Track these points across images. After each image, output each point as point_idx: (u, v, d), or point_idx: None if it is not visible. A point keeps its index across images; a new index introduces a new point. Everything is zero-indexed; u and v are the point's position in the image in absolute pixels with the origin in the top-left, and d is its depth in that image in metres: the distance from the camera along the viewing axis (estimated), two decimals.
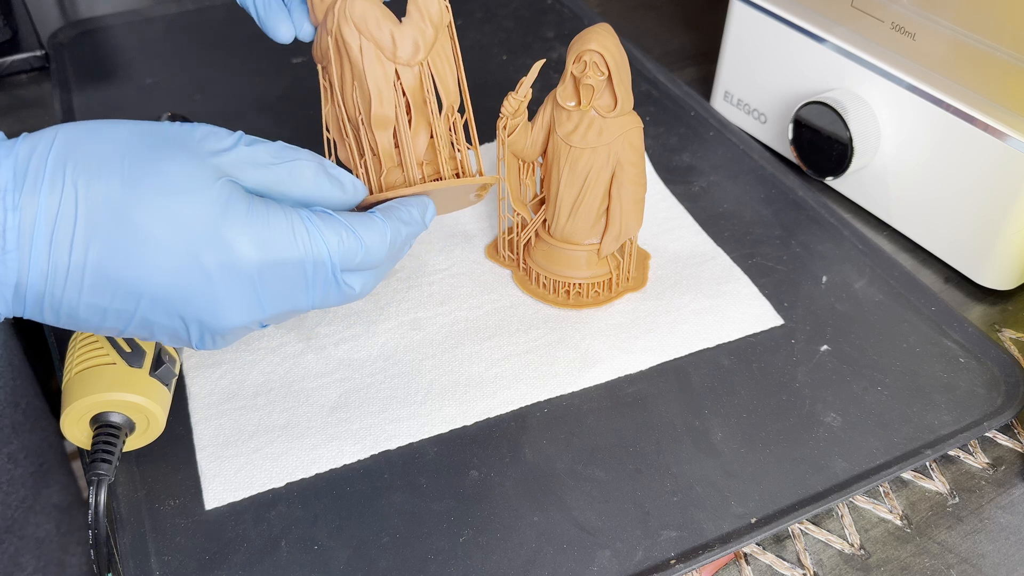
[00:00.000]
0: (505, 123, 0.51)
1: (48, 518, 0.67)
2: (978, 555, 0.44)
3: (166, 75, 0.75)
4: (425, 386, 0.50)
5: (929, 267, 0.60)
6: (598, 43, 0.47)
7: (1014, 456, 0.48)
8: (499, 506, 0.45)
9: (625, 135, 0.50)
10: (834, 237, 0.60)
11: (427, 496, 0.45)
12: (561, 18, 0.83)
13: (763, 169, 0.65)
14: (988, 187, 0.54)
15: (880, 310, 0.55)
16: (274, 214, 0.37)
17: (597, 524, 0.44)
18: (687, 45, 0.83)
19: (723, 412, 0.49)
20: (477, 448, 0.47)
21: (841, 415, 0.49)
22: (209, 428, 0.48)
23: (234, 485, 0.45)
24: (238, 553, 0.43)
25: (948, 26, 0.54)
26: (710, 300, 0.55)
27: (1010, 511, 0.46)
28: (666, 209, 0.62)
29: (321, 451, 0.47)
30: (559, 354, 0.52)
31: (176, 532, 0.43)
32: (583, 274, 0.54)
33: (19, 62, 0.77)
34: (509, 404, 0.49)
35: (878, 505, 0.46)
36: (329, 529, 0.44)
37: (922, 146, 0.57)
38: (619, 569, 0.42)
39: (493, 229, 0.60)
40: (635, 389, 0.50)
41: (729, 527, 0.44)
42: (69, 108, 0.71)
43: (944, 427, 0.48)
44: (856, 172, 0.61)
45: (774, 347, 0.53)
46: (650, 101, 0.72)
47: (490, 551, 0.43)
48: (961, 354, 0.52)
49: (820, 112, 0.60)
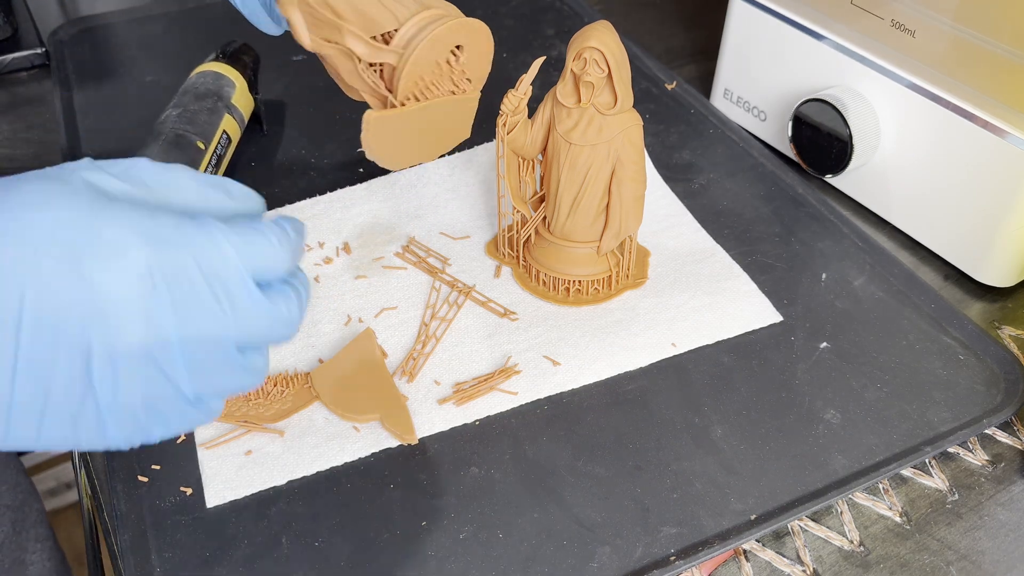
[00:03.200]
0: (505, 120, 0.51)
1: (3, 520, 0.67)
2: (977, 552, 0.44)
3: (166, 73, 0.75)
4: (426, 384, 0.50)
5: (929, 264, 0.60)
6: (598, 40, 0.47)
7: (1013, 453, 0.48)
8: (499, 503, 0.45)
9: (625, 132, 0.50)
10: (834, 234, 0.60)
11: (428, 493, 0.45)
12: (561, 16, 0.83)
13: (763, 166, 0.65)
14: (988, 184, 0.54)
15: (880, 307, 0.55)
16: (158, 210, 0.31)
17: (597, 520, 0.44)
18: (687, 42, 0.83)
19: (723, 409, 0.49)
20: (477, 445, 0.47)
21: (840, 412, 0.49)
22: (210, 426, 0.48)
23: (235, 483, 0.45)
24: (239, 550, 0.43)
25: (948, 23, 0.55)
26: (710, 297, 0.55)
27: (1009, 508, 0.46)
28: (666, 206, 0.62)
29: (322, 449, 0.47)
30: (559, 351, 0.52)
31: (177, 529, 0.43)
32: (583, 271, 0.54)
33: (19, 60, 0.77)
34: (509, 401, 0.49)
35: (878, 502, 0.46)
36: (330, 525, 0.44)
37: (922, 143, 0.57)
38: (619, 565, 0.42)
39: (493, 226, 0.60)
40: (635, 386, 0.50)
41: (729, 524, 0.44)
42: (69, 106, 0.71)
43: (943, 424, 0.48)
44: (856, 169, 0.61)
45: (774, 344, 0.53)
46: (650, 98, 0.72)
47: (490, 547, 0.43)
48: (961, 351, 0.52)
49: (820, 109, 0.60)
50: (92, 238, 0.29)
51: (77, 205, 0.30)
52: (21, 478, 0.71)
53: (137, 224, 0.30)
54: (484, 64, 0.56)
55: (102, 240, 0.29)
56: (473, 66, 0.55)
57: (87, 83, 0.74)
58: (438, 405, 0.49)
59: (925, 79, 0.56)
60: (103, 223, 0.29)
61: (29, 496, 0.71)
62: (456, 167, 0.64)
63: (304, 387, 0.49)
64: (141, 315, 0.30)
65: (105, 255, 0.29)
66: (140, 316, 0.30)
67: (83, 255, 0.29)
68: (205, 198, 0.33)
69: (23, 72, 0.77)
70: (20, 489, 0.70)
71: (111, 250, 0.29)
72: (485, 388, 0.50)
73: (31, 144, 0.69)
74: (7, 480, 0.69)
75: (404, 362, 0.51)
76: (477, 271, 0.57)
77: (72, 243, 0.29)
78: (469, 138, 0.58)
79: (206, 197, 0.33)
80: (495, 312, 0.54)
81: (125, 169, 0.32)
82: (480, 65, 0.55)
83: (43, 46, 0.78)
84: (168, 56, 0.77)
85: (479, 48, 0.54)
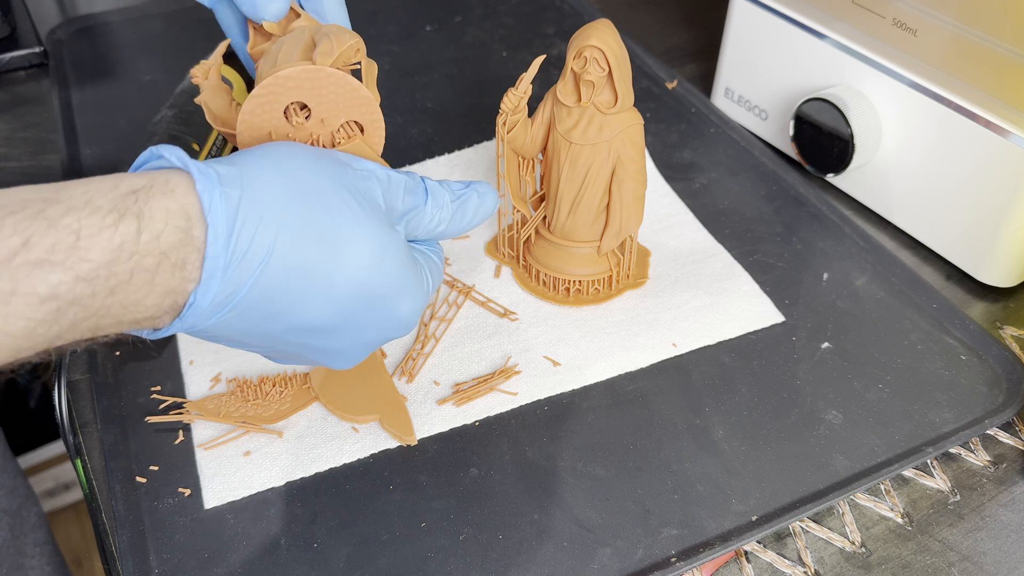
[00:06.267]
0: (505, 119, 0.51)
1: (1, 525, 0.66)
2: (979, 553, 0.44)
3: (165, 71, 0.74)
4: (426, 384, 0.50)
5: (930, 264, 0.60)
6: (598, 39, 0.47)
7: (1015, 454, 0.48)
8: (499, 504, 0.44)
9: (625, 131, 0.50)
10: (835, 234, 0.60)
11: (427, 494, 0.45)
12: (561, 14, 0.83)
13: (764, 166, 0.65)
14: (990, 184, 0.54)
15: (881, 307, 0.55)
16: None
17: (597, 522, 0.44)
18: (688, 41, 0.83)
19: (724, 410, 0.49)
20: (477, 446, 0.47)
21: (842, 412, 0.49)
22: (209, 426, 0.47)
23: (233, 484, 0.45)
24: (237, 551, 0.42)
25: (949, 22, 0.54)
26: (711, 297, 0.55)
27: (1011, 509, 0.46)
28: (667, 206, 0.61)
29: (321, 450, 0.47)
30: (559, 352, 0.52)
31: (175, 530, 0.43)
32: (583, 271, 0.54)
33: (18, 59, 0.76)
34: (509, 402, 0.49)
35: (879, 503, 0.46)
36: (329, 527, 0.43)
37: (923, 142, 0.57)
38: (619, 567, 0.42)
39: (493, 226, 0.60)
40: (635, 387, 0.50)
41: (730, 525, 0.44)
42: (68, 105, 0.71)
43: (945, 425, 0.48)
44: (857, 169, 0.61)
45: (775, 344, 0.52)
46: (651, 97, 0.72)
47: (490, 549, 0.43)
48: (962, 351, 0.52)
49: (821, 108, 0.60)
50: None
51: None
52: (19, 481, 0.71)
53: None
54: (358, 107, 0.41)
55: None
56: (342, 113, 0.41)
57: (85, 82, 0.74)
58: (437, 406, 0.49)
59: (927, 78, 0.56)
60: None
61: (27, 500, 0.71)
62: (456, 166, 0.64)
63: (303, 387, 0.49)
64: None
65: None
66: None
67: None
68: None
69: (21, 71, 0.77)
70: (18, 493, 0.70)
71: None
72: (485, 388, 0.49)
73: (29, 143, 0.69)
74: (4, 484, 0.68)
75: (403, 362, 0.51)
76: (477, 271, 0.57)
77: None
78: (468, 138, 0.58)
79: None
80: (495, 312, 0.54)
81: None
82: (351, 110, 0.41)
83: (41, 45, 0.77)
84: (167, 55, 0.77)
85: (336, 95, 0.41)
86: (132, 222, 0.32)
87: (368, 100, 0.41)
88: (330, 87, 0.40)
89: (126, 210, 0.32)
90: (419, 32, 0.80)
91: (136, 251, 0.32)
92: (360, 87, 0.41)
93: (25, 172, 0.67)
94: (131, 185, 0.32)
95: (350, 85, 0.40)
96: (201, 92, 0.43)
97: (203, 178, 0.33)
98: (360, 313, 0.38)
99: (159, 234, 0.32)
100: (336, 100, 0.40)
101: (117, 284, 0.31)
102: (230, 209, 0.33)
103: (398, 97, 0.72)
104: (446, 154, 0.64)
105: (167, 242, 0.32)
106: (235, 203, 0.34)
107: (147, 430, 0.48)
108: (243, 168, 0.35)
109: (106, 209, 0.31)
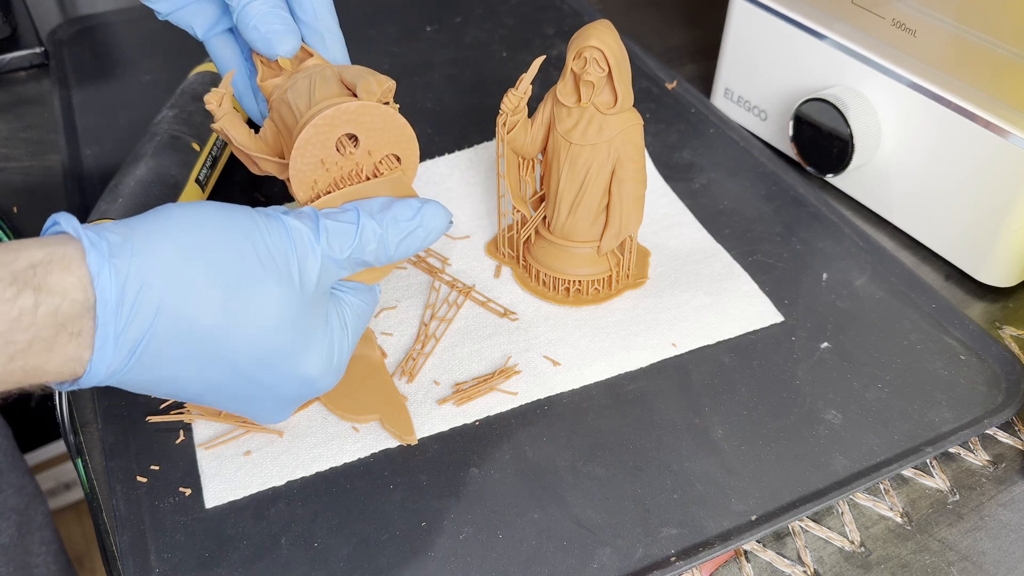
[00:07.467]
0: (505, 120, 0.51)
1: (9, 523, 0.66)
2: (979, 552, 0.44)
3: (165, 71, 0.74)
4: (426, 384, 0.50)
5: (930, 264, 0.60)
6: (598, 39, 0.47)
7: (1015, 453, 0.48)
8: (499, 503, 0.45)
9: (625, 132, 0.50)
10: (835, 234, 0.60)
11: (427, 493, 0.45)
12: (561, 15, 0.83)
13: (764, 166, 0.65)
14: (989, 184, 0.54)
15: (881, 307, 0.55)
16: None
17: (597, 521, 0.44)
18: (687, 42, 0.83)
19: (723, 409, 0.49)
20: (477, 445, 0.47)
21: (841, 412, 0.49)
22: (209, 426, 0.48)
23: (234, 483, 0.45)
24: (238, 551, 0.42)
25: (949, 22, 0.54)
26: (710, 297, 0.55)
27: (1011, 508, 0.46)
28: (666, 206, 0.62)
29: (321, 449, 0.47)
30: (559, 352, 0.52)
31: (176, 530, 0.43)
32: (583, 271, 0.54)
33: (18, 59, 0.76)
34: (509, 402, 0.49)
35: (878, 502, 0.46)
36: (329, 526, 0.44)
37: (923, 143, 0.57)
38: (619, 566, 0.42)
39: (493, 226, 0.60)
40: (635, 386, 0.50)
41: (729, 524, 0.44)
42: (68, 105, 0.71)
43: (945, 424, 0.48)
44: (857, 169, 0.61)
45: (774, 344, 0.52)
46: (650, 98, 0.72)
47: (490, 548, 0.43)
48: (962, 351, 0.52)
49: (821, 109, 0.60)
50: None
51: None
52: (27, 480, 0.71)
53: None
54: (400, 141, 0.44)
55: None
56: (386, 146, 0.44)
57: (86, 83, 0.74)
58: (438, 405, 0.49)
59: (926, 79, 0.56)
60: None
61: (34, 499, 0.71)
62: (456, 167, 0.64)
63: None
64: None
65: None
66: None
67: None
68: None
69: (22, 71, 0.77)
70: (26, 492, 0.70)
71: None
72: (485, 388, 0.49)
73: (29, 144, 0.69)
74: (13, 483, 0.68)
75: (404, 362, 0.51)
76: (477, 271, 0.57)
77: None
78: (468, 138, 0.58)
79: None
80: (495, 312, 0.54)
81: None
82: (394, 144, 0.44)
83: (42, 45, 0.77)
84: (167, 56, 0.77)
85: (383, 130, 0.44)
86: (30, 296, 0.33)
87: (411, 137, 0.44)
88: (379, 122, 0.43)
89: (25, 284, 0.33)
90: (419, 33, 0.80)
91: (34, 322, 0.33)
92: (406, 124, 0.44)
93: (26, 172, 0.67)
94: (30, 258, 0.33)
95: (397, 121, 0.44)
96: (216, 120, 0.45)
97: (93, 250, 0.34)
98: (263, 371, 0.39)
99: (57, 307, 0.33)
100: (383, 134, 0.44)
101: (16, 351, 0.33)
102: (119, 278, 0.34)
103: (398, 97, 0.72)
104: (446, 154, 0.64)
105: (64, 314, 0.33)
106: (124, 271, 0.35)
107: (148, 429, 0.48)
108: (136, 234, 0.36)
109: (6, 281, 0.32)
